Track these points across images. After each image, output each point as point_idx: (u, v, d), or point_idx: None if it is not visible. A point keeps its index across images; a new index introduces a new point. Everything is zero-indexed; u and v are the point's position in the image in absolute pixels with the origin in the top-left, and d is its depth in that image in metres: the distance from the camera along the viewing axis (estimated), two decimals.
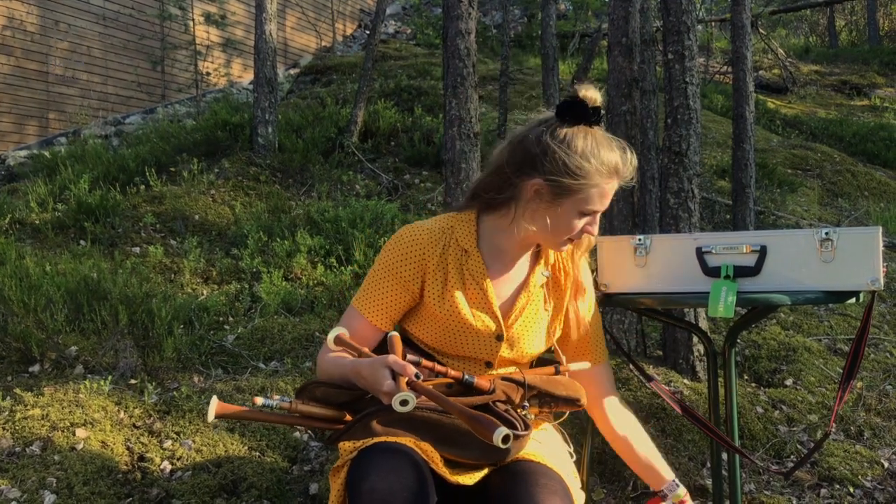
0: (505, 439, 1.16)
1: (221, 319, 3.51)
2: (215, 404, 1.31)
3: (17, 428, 2.35)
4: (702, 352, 2.94)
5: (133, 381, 2.78)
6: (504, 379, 1.38)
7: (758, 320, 3.26)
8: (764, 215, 5.53)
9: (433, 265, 1.46)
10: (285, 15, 10.69)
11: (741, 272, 1.55)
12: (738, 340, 3.29)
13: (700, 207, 3.14)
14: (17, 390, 2.58)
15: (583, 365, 1.51)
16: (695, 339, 2.95)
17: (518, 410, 1.36)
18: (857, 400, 2.87)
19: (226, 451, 2.35)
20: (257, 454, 2.38)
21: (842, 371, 1.58)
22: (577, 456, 1.62)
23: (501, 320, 1.47)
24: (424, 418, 1.34)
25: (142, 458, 2.30)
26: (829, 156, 7.35)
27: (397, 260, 1.47)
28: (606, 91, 3.31)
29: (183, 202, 4.97)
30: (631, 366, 1.77)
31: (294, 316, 3.58)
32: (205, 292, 3.87)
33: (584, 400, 1.47)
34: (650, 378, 1.72)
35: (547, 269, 1.54)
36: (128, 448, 2.34)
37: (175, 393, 2.67)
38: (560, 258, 1.55)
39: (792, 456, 2.53)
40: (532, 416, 1.44)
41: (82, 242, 4.37)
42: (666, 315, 2.21)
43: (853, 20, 17.04)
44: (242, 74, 9.80)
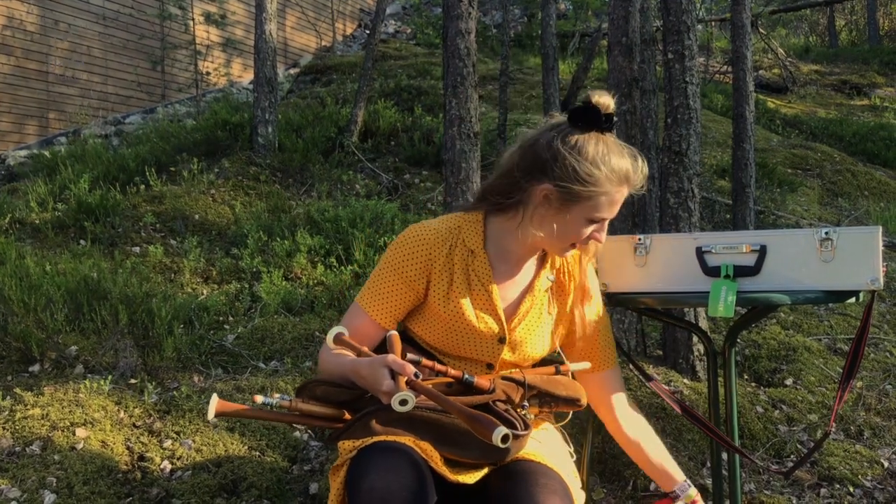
0: (504, 439, 1.16)
1: (221, 319, 3.51)
2: (215, 402, 1.31)
3: (17, 427, 2.35)
4: (702, 351, 2.94)
5: (133, 381, 2.78)
6: (504, 378, 1.38)
7: (758, 320, 3.26)
8: (764, 215, 5.53)
9: (439, 265, 1.46)
10: (285, 14, 10.69)
11: (741, 272, 1.55)
12: (738, 340, 3.29)
13: (700, 207, 3.14)
14: (17, 390, 2.58)
15: (583, 365, 1.51)
16: (695, 339, 2.95)
17: (518, 410, 1.36)
18: (857, 399, 2.87)
19: (226, 451, 2.35)
20: (257, 454, 2.38)
21: (842, 371, 1.58)
22: (577, 456, 1.62)
23: (505, 323, 1.47)
24: (424, 418, 1.33)
25: (142, 458, 2.30)
26: (829, 155, 7.34)
27: (403, 259, 1.47)
28: (606, 90, 3.31)
29: (183, 202, 4.97)
30: (631, 365, 1.77)
31: (294, 315, 3.58)
32: (205, 292, 3.87)
33: (585, 400, 1.47)
34: (650, 378, 1.72)
35: (552, 273, 1.53)
36: (128, 448, 2.34)
37: (175, 392, 2.67)
38: (566, 262, 1.54)
39: (792, 455, 2.53)
40: (532, 416, 1.44)
41: (82, 242, 4.37)
42: (666, 315, 2.21)
43: (853, 20, 17.04)
44: (242, 74, 9.80)
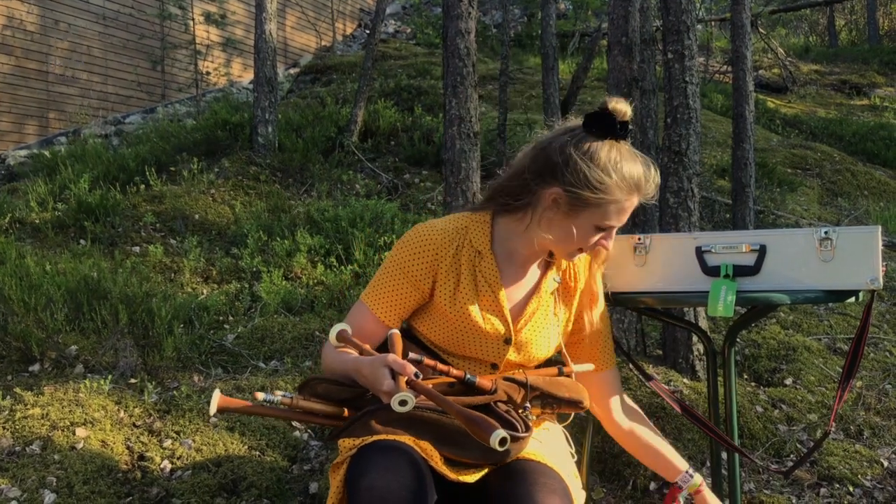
0: (502, 442, 1.15)
1: (221, 319, 3.51)
2: (218, 397, 1.31)
3: (17, 427, 2.35)
4: (701, 351, 2.94)
5: (133, 381, 2.78)
6: (506, 379, 1.38)
7: (757, 319, 3.26)
8: (764, 215, 5.53)
9: (446, 265, 1.46)
10: (285, 14, 10.69)
11: (741, 271, 1.55)
12: (738, 340, 3.29)
13: (700, 207, 3.14)
14: (17, 389, 2.58)
15: (586, 366, 1.51)
16: (694, 339, 2.95)
17: (519, 411, 1.35)
18: (857, 399, 2.88)
19: (226, 451, 2.35)
20: (257, 453, 2.38)
21: (841, 370, 1.58)
22: (578, 455, 1.62)
23: (511, 324, 1.47)
24: (424, 418, 1.33)
25: (142, 458, 2.30)
26: (829, 155, 7.34)
27: (410, 258, 1.47)
28: (606, 90, 3.31)
29: (183, 201, 4.97)
30: (630, 365, 1.77)
31: (294, 315, 3.58)
32: (205, 291, 3.87)
33: (587, 402, 1.47)
34: (650, 377, 1.72)
35: (558, 275, 1.53)
36: (128, 447, 2.34)
37: (175, 392, 2.67)
38: (572, 265, 1.54)
39: (791, 455, 2.53)
40: (533, 417, 1.43)
41: (82, 242, 4.37)
42: (666, 314, 2.21)
43: (853, 19, 17.04)
44: (242, 74, 9.80)
